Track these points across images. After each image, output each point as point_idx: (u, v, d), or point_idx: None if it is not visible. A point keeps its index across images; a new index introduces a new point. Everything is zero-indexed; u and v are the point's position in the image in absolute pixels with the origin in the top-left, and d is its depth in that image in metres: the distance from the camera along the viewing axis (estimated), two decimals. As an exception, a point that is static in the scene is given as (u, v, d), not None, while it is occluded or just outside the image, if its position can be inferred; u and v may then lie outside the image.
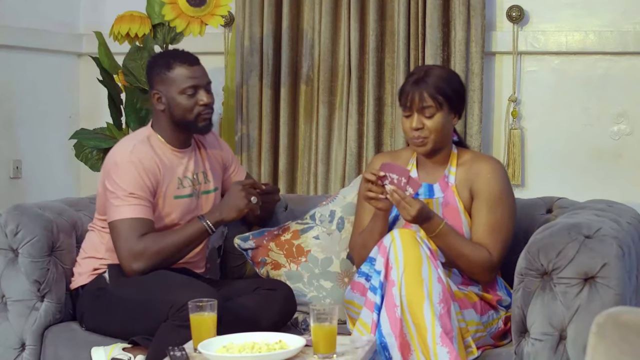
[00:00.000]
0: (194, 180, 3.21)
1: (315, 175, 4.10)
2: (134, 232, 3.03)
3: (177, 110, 3.15)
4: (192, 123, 3.16)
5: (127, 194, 3.04)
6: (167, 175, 3.13)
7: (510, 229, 3.03)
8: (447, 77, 3.05)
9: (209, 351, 2.45)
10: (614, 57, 3.90)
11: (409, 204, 2.85)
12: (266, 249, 3.35)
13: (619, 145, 3.91)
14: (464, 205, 3.03)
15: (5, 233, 3.17)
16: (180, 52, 3.21)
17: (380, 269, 2.76)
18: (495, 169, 3.04)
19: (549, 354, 2.68)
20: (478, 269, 2.96)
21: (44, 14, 4.37)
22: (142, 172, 3.07)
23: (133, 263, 3.02)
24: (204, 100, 3.15)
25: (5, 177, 4.19)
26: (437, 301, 2.70)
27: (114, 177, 3.07)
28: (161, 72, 3.17)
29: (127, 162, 3.08)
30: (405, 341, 2.69)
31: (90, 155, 4.01)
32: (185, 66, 3.15)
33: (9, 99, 4.19)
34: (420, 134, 3.01)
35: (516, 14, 3.93)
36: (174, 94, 3.15)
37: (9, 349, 3.17)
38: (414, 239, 2.77)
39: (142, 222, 3.04)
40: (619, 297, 2.64)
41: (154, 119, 3.23)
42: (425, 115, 3.00)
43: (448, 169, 3.08)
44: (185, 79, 3.14)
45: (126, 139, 3.25)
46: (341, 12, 4.05)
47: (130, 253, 3.02)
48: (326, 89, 4.06)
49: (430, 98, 2.98)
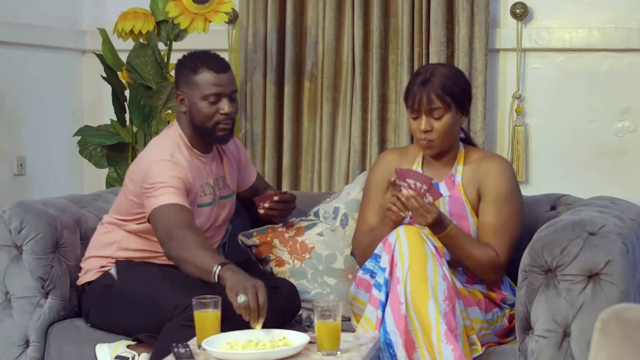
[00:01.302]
0: (214, 187, 3.16)
1: (319, 172, 4.10)
2: (173, 217, 2.89)
3: (197, 115, 3.07)
4: (211, 131, 3.08)
5: (166, 185, 2.94)
6: (196, 180, 3.08)
7: (517, 228, 3.02)
8: (453, 75, 3.01)
9: (213, 348, 2.46)
10: (618, 54, 3.90)
11: (426, 211, 2.83)
12: (270, 245, 3.35)
13: (623, 142, 3.91)
14: (471, 204, 3.02)
15: (9, 230, 3.17)
16: (210, 56, 3.10)
17: (385, 266, 2.76)
18: (503, 168, 3.03)
19: (553, 351, 2.68)
20: (485, 268, 2.95)
21: (47, 10, 4.37)
22: (183, 171, 2.99)
23: (166, 242, 2.89)
24: (225, 109, 3.06)
25: (9, 173, 4.20)
26: (442, 299, 2.70)
27: (152, 174, 2.97)
28: (187, 73, 3.08)
29: (168, 162, 2.99)
30: (410, 338, 2.69)
31: (94, 152, 4.02)
32: (212, 72, 3.05)
33: (13, 95, 4.20)
34: (428, 136, 2.97)
35: (520, 11, 3.93)
36: (196, 99, 3.06)
37: (13, 345, 3.17)
38: (419, 236, 2.77)
39: (181, 208, 2.93)
40: (623, 293, 2.64)
41: (178, 120, 3.16)
42: (434, 117, 2.96)
43: (455, 168, 3.06)
44: (209, 85, 3.05)
45: (161, 143, 3.12)
46: (345, 9, 4.05)
47: (166, 234, 2.88)
48: (330, 86, 4.06)
49: (438, 99, 2.94)
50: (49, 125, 4.39)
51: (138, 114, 3.93)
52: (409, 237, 2.76)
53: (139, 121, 3.93)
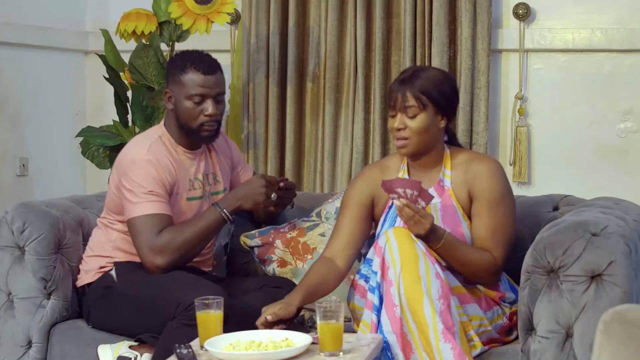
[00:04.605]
0: (204, 182, 3.19)
1: (321, 173, 4.10)
2: (154, 228, 3.00)
3: (181, 114, 3.12)
4: (195, 131, 3.12)
5: (145, 191, 3.02)
6: (181, 175, 3.12)
7: (512, 229, 2.99)
8: (435, 78, 2.96)
9: (216, 349, 2.46)
10: (621, 55, 3.90)
11: (423, 218, 2.76)
12: (272, 246, 3.35)
13: (626, 143, 3.91)
14: (463, 208, 2.97)
15: (11, 230, 3.17)
16: (200, 56, 3.14)
17: (377, 269, 2.74)
18: (494, 169, 2.98)
19: (556, 352, 2.68)
20: (483, 273, 2.93)
21: (50, 11, 4.38)
22: (160, 171, 3.06)
23: (156, 258, 2.99)
24: (209, 111, 3.10)
25: (12, 174, 4.20)
26: (436, 297, 2.68)
27: (130, 175, 3.05)
28: (176, 72, 3.13)
29: (144, 160, 3.06)
30: (406, 341, 2.68)
31: (97, 153, 4.02)
32: (199, 73, 3.09)
33: (16, 96, 4.20)
34: (402, 134, 2.94)
35: (523, 12, 3.93)
36: (182, 98, 3.11)
37: (16, 346, 3.17)
38: (408, 237, 2.75)
39: (161, 217, 3.02)
40: (626, 294, 2.64)
41: (166, 118, 3.21)
42: (408, 116, 2.93)
43: (442, 172, 3.01)
44: (194, 86, 3.09)
45: (140, 137, 3.21)
46: (347, 10, 4.05)
47: (152, 249, 2.99)
48: (332, 87, 4.06)
49: (413, 98, 2.92)
50: (52, 126, 4.39)
51: (140, 115, 3.94)
52: (398, 238, 2.73)
53: (141, 122, 3.93)
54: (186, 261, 3.07)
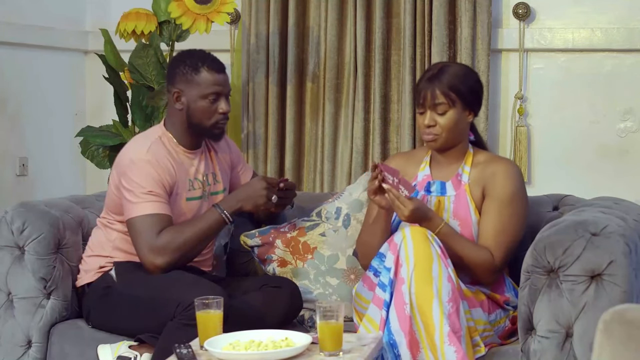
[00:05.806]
0: (203, 182, 3.20)
1: (321, 173, 4.10)
2: (153, 228, 3.00)
3: (195, 113, 3.13)
4: (208, 129, 3.15)
5: (145, 192, 3.03)
6: (181, 176, 3.13)
7: (518, 232, 3.00)
8: (462, 73, 3.03)
9: (216, 349, 2.45)
10: (621, 54, 3.90)
11: (402, 204, 2.85)
12: (272, 246, 3.35)
13: (626, 142, 3.91)
14: (476, 204, 3.02)
15: (11, 230, 3.17)
16: (209, 56, 3.17)
17: (390, 265, 2.75)
18: (510, 170, 3.03)
19: (556, 352, 2.68)
20: (478, 269, 2.94)
21: (50, 11, 4.37)
22: (160, 171, 3.06)
23: (155, 259, 3.00)
24: (224, 108, 3.13)
25: (12, 174, 4.20)
26: (446, 300, 2.69)
27: (130, 175, 3.05)
28: (187, 72, 3.13)
29: (144, 160, 3.06)
30: (414, 339, 2.68)
31: (96, 153, 4.02)
32: (213, 72, 3.12)
33: (15, 96, 4.20)
34: (432, 130, 3.01)
35: (522, 11, 3.93)
36: (196, 97, 3.12)
37: (16, 346, 3.17)
38: (425, 237, 2.77)
39: (161, 217, 3.03)
40: (626, 294, 2.64)
41: (168, 118, 3.20)
42: (438, 112, 2.99)
43: (462, 168, 3.07)
44: (210, 85, 3.12)
45: (140, 137, 3.21)
46: (347, 10, 4.05)
47: (151, 249, 3.00)
48: (332, 87, 4.06)
49: (443, 95, 2.98)
50: (51, 126, 4.39)
51: (140, 115, 3.93)
52: (415, 238, 2.76)
53: (141, 122, 3.93)
54: (186, 262, 3.07)
